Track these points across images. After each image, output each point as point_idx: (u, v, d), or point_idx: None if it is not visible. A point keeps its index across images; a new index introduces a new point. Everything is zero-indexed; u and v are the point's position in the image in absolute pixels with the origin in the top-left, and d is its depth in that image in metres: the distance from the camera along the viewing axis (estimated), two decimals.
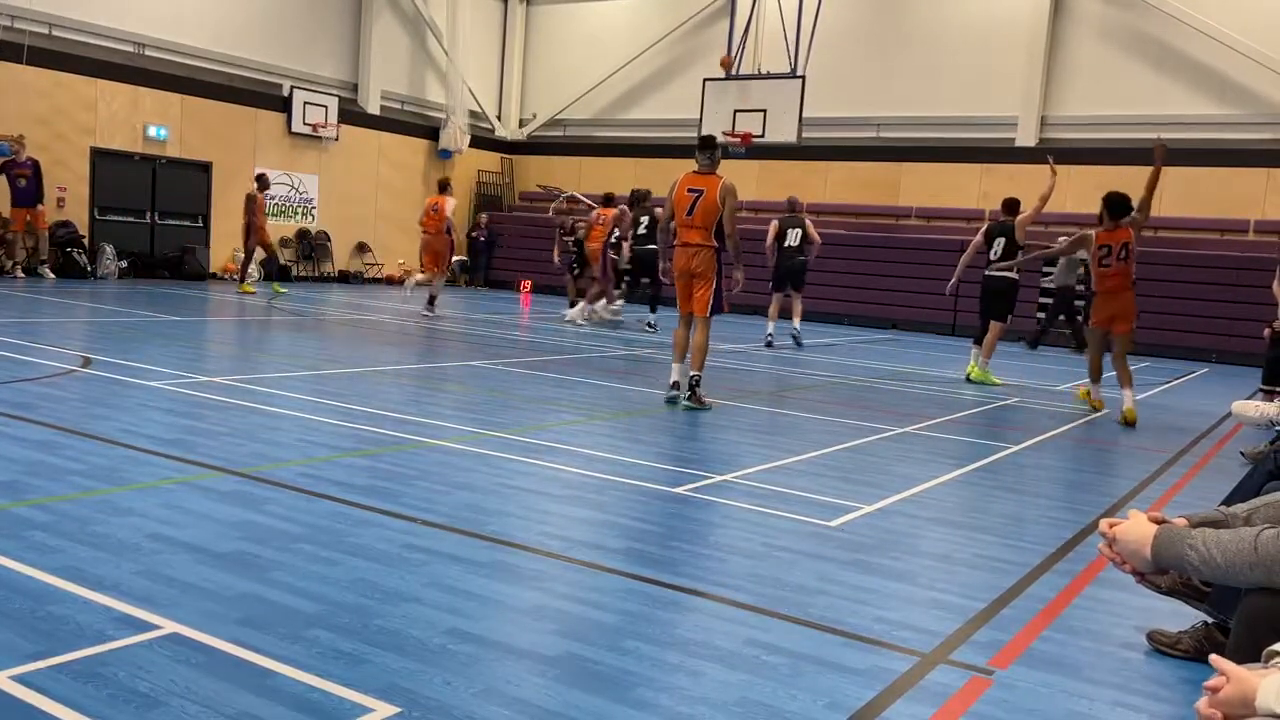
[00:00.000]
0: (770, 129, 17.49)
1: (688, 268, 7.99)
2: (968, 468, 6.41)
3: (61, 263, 17.03)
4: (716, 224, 7.89)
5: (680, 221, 8.01)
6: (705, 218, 7.87)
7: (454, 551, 3.96)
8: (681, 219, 7.98)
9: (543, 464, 5.67)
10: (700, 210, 7.87)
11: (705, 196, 7.85)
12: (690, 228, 7.94)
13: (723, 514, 4.87)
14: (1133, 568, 2.45)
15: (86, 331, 10.57)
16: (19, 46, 16.33)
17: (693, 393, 7.94)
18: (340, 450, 5.64)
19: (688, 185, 7.96)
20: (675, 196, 8.00)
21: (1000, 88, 19.50)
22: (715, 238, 7.92)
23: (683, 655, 3.11)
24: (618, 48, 23.75)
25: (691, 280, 8.01)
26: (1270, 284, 10.64)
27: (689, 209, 7.91)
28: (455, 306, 17.84)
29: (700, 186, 7.90)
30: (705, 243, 7.92)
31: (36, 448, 5.14)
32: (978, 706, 2.91)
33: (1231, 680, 1.78)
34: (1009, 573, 4.22)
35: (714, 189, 7.83)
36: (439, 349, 11.48)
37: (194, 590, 3.35)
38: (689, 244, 7.97)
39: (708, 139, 8.19)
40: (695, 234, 7.93)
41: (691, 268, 7.97)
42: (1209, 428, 8.97)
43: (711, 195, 7.83)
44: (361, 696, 2.67)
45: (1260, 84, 17.43)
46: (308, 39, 21.25)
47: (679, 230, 8.06)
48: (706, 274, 7.95)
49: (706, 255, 7.94)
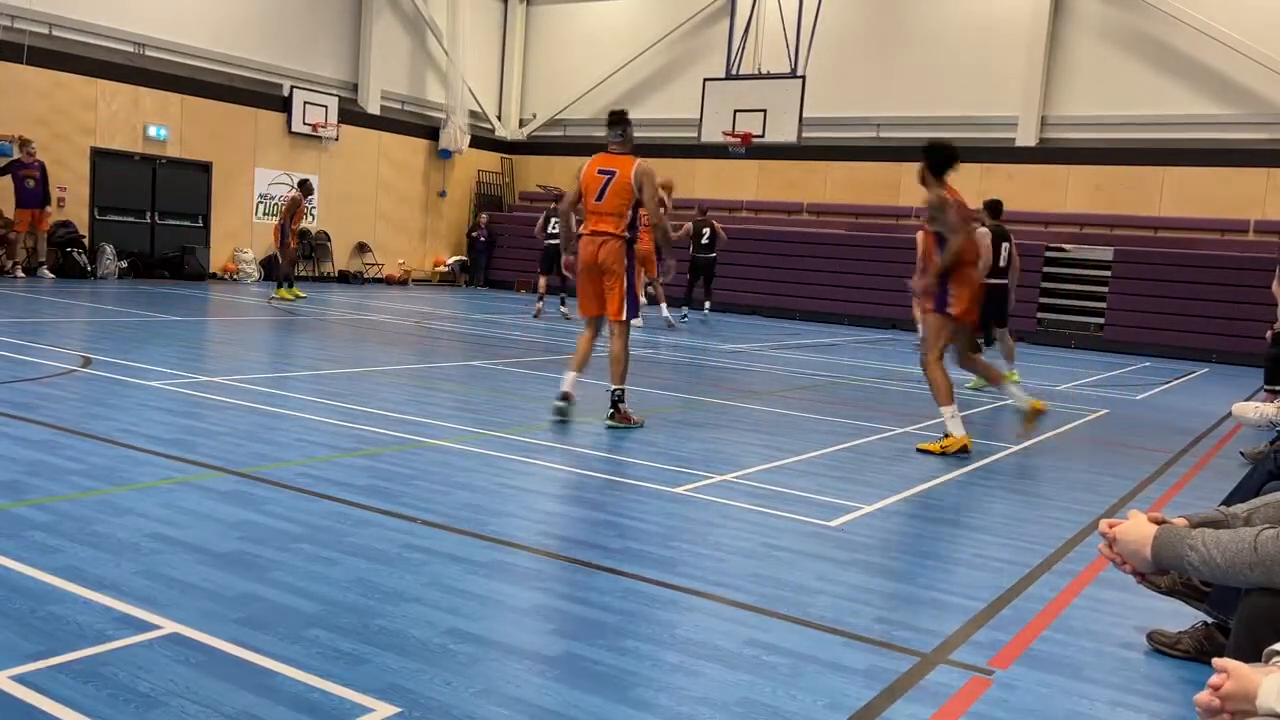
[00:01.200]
0: (770, 129, 17.49)
1: (594, 260, 7.01)
2: (967, 468, 6.41)
3: (61, 263, 17.04)
4: (630, 212, 7.01)
5: (589, 207, 7.04)
6: (617, 203, 6.95)
7: (454, 551, 3.96)
8: (590, 204, 7.02)
9: (543, 464, 5.67)
10: (612, 194, 6.94)
11: (618, 179, 6.93)
12: (600, 215, 7.00)
13: (723, 514, 4.87)
14: (1133, 568, 2.45)
15: (86, 331, 10.57)
16: (19, 46, 16.34)
17: (616, 410, 7.00)
18: (340, 450, 5.64)
19: (598, 166, 7.02)
20: (584, 179, 7.05)
21: (1000, 88, 19.49)
22: (628, 228, 7.03)
23: (682, 655, 3.11)
24: (618, 48, 23.75)
25: (600, 277, 7.04)
26: (1270, 284, 10.63)
27: (599, 193, 6.97)
28: (456, 306, 17.84)
29: (612, 168, 6.97)
30: (616, 232, 6.99)
31: (36, 448, 5.14)
32: (978, 706, 2.91)
33: (1233, 677, 1.79)
34: (1009, 573, 4.22)
35: (628, 170, 6.93)
36: (439, 349, 11.48)
37: (194, 590, 3.35)
38: (597, 233, 7.01)
39: (617, 114, 7.19)
40: (605, 222, 6.99)
41: (599, 261, 7.00)
42: (1209, 428, 8.97)
43: (625, 177, 6.92)
44: (361, 696, 2.67)
45: (1260, 84, 17.43)
46: (308, 39, 21.25)
47: (587, 217, 7.10)
48: (617, 269, 7.00)
49: (616, 247, 6.99)
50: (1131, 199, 18.45)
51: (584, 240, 7.10)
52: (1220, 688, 1.79)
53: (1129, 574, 2.49)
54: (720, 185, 22.30)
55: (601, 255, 7.00)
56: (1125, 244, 18.13)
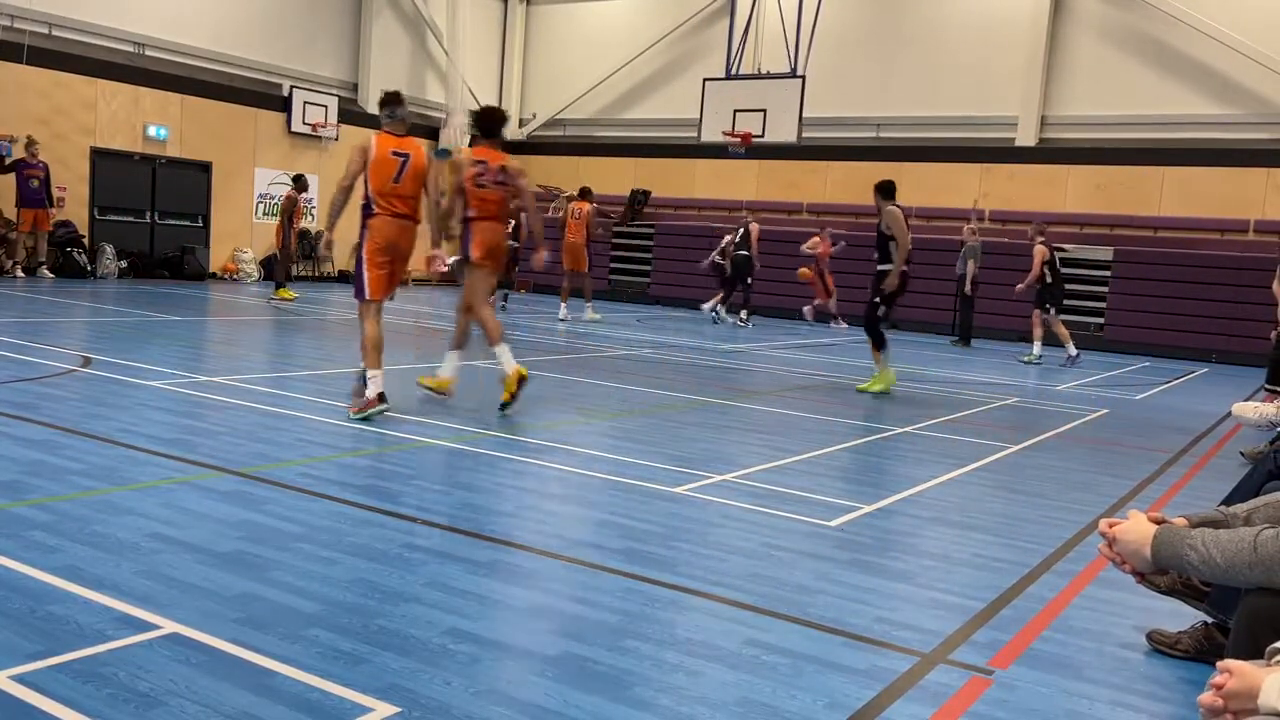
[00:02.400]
0: (770, 129, 17.48)
1: (399, 244, 6.90)
2: (968, 468, 6.41)
3: (61, 262, 17.04)
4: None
5: (386, 190, 6.78)
6: (416, 186, 6.90)
7: (454, 551, 3.96)
8: (387, 186, 6.78)
9: (543, 464, 5.67)
10: (410, 177, 6.84)
11: (414, 161, 6.85)
12: (400, 197, 6.83)
13: (723, 514, 4.87)
14: (1132, 568, 2.45)
15: (86, 331, 10.57)
16: (19, 46, 16.33)
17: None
18: (340, 450, 5.64)
19: (391, 148, 6.80)
20: (375, 159, 6.75)
21: (1000, 88, 19.49)
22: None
23: (682, 655, 3.11)
24: (618, 48, 23.74)
25: (402, 261, 7.01)
26: (1270, 284, 10.64)
27: (396, 174, 6.79)
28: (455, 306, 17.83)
29: (406, 150, 6.84)
30: (416, 215, 6.98)
31: (36, 448, 5.14)
32: (978, 706, 2.91)
33: (1236, 676, 1.79)
34: (1009, 573, 4.22)
35: (420, 153, 6.93)
36: (438, 349, 11.46)
37: (194, 590, 3.35)
38: (401, 214, 6.86)
39: (392, 95, 7.03)
40: (407, 205, 6.88)
41: (404, 245, 6.94)
42: (1209, 428, 8.97)
43: (420, 160, 6.88)
44: (361, 696, 2.67)
45: (1260, 84, 17.43)
46: (308, 39, 21.25)
47: (387, 199, 6.82)
48: (410, 253, 7.06)
49: (416, 231, 7.02)
50: (1131, 199, 18.44)
51: (384, 220, 6.82)
52: (1223, 687, 1.79)
53: (1129, 574, 2.49)
54: (720, 185, 22.30)
55: (405, 240, 6.93)
56: (1125, 244, 18.13)
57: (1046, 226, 14.92)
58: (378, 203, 6.83)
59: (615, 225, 22.71)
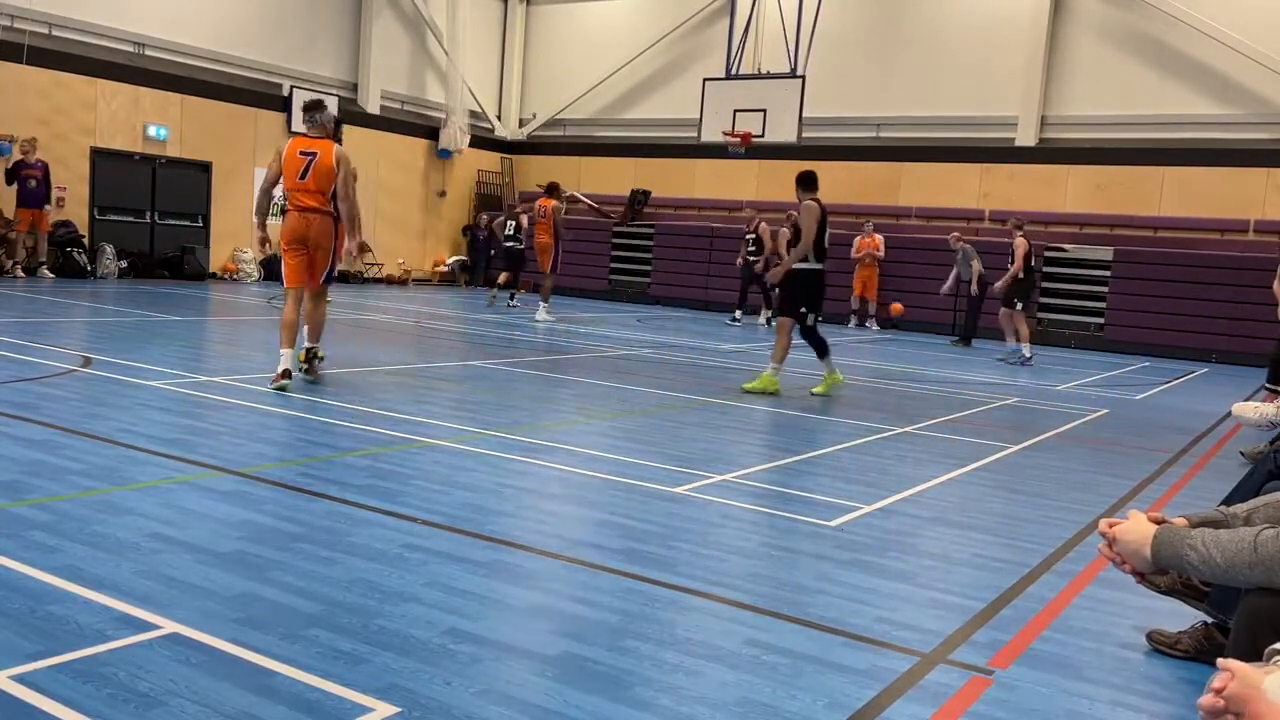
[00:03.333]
0: (770, 129, 17.48)
1: (306, 235, 7.62)
2: (968, 468, 6.41)
3: (61, 262, 17.04)
4: (332, 191, 7.62)
5: (293, 185, 7.60)
6: (320, 182, 7.56)
7: (454, 551, 3.96)
8: (294, 183, 7.59)
9: (543, 464, 5.67)
10: (315, 174, 7.54)
11: (320, 160, 7.55)
12: (305, 192, 7.59)
13: (723, 514, 4.87)
14: (1132, 568, 2.45)
15: (86, 331, 10.57)
16: (19, 46, 16.33)
17: (310, 365, 7.90)
18: (340, 450, 5.64)
19: (300, 148, 7.61)
20: (286, 158, 7.62)
21: (1000, 88, 19.49)
22: (332, 205, 7.65)
23: (682, 655, 3.11)
24: (618, 48, 23.74)
25: (314, 252, 7.69)
26: (1271, 284, 10.64)
27: (301, 172, 7.55)
28: (455, 306, 17.84)
29: (313, 149, 7.59)
30: (323, 208, 7.63)
31: (36, 448, 5.14)
32: (978, 706, 2.91)
33: (1237, 677, 1.79)
34: (1009, 573, 4.22)
35: (329, 153, 7.58)
36: (439, 349, 11.47)
37: (194, 590, 3.35)
38: (306, 208, 7.61)
39: (313, 102, 7.87)
40: (312, 199, 7.60)
41: (311, 236, 7.62)
42: (1209, 428, 8.97)
43: (327, 159, 7.56)
44: (361, 696, 2.67)
45: (1260, 84, 17.43)
46: (308, 39, 21.24)
47: (293, 195, 7.65)
48: (325, 243, 7.69)
49: (325, 223, 7.66)
50: (1131, 199, 18.44)
51: (293, 216, 7.66)
52: (1224, 688, 1.79)
53: (1129, 574, 2.49)
54: (720, 185, 22.30)
55: (313, 232, 7.63)
56: (1125, 244, 18.13)
57: (1025, 222, 14.88)
58: (288, 198, 7.71)
59: (615, 225, 22.74)
